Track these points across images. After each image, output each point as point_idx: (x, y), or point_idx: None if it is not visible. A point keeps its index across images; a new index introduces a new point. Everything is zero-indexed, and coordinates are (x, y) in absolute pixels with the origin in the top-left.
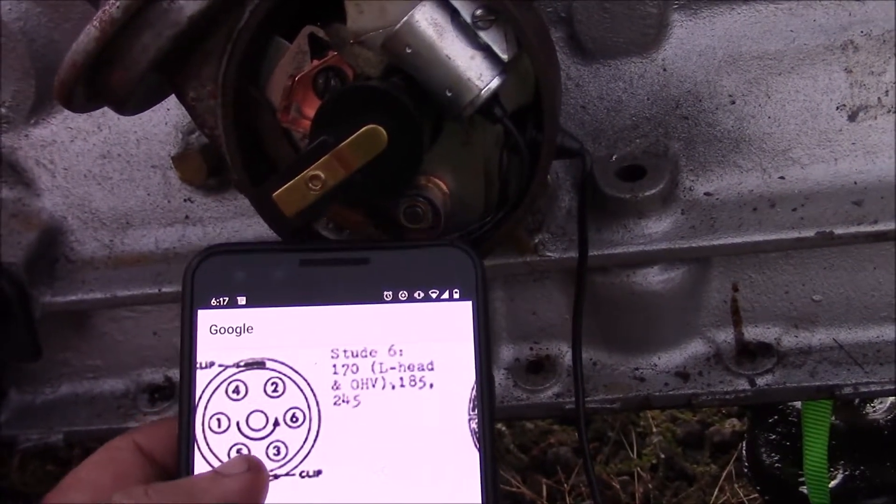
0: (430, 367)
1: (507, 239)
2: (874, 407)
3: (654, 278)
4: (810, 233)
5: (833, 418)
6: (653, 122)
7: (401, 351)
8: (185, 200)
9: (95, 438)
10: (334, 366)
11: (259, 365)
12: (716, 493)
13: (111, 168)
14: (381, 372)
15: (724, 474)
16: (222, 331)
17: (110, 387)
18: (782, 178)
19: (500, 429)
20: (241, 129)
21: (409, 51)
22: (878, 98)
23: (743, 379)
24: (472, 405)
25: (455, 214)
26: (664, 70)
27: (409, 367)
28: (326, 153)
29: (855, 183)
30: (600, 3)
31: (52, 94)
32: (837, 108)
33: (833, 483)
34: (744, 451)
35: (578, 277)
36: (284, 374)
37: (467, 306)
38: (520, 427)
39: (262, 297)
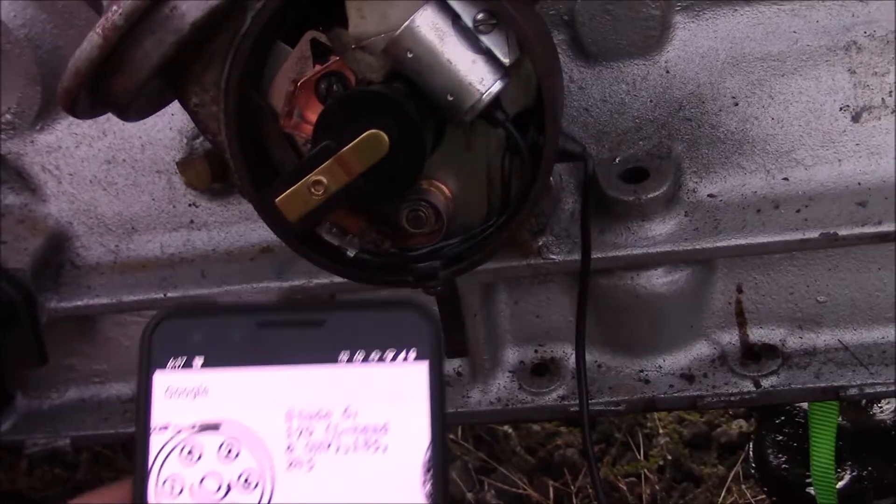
0: (384, 429)
1: (511, 242)
2: (881, 408)
3: (658, 280)
4: (814, 234)
5: (840, 419)
6: (656, 124)
7: (356, 413)
8: (189, 205)
9: (102, 443)
10: (289, 428)
11: (214, 427)
12: (723, 494)
13: (116, 174)
14: (335, 434)
15: (732, 475)
16: (178, 393)
17: (116, 391)
18: (786, 179)
19: (506, 430)
20: (244, 135)
21: (410, 55)
22: (882, 99)
23: (748, 380)
24: (425, 468)
25: (458, 218)
26: (667, 72)
27: (363, 430)
28: (329, 158)
29: (859, 184)
30: (602, 5)
31: (56, 101)
32: (841, 109)
33: (840, 484)
34: (751, 453)
35: (581, 280)
36: (239, 437)
37: (423, 367)
38: (526, 429)
39: (218, 359)
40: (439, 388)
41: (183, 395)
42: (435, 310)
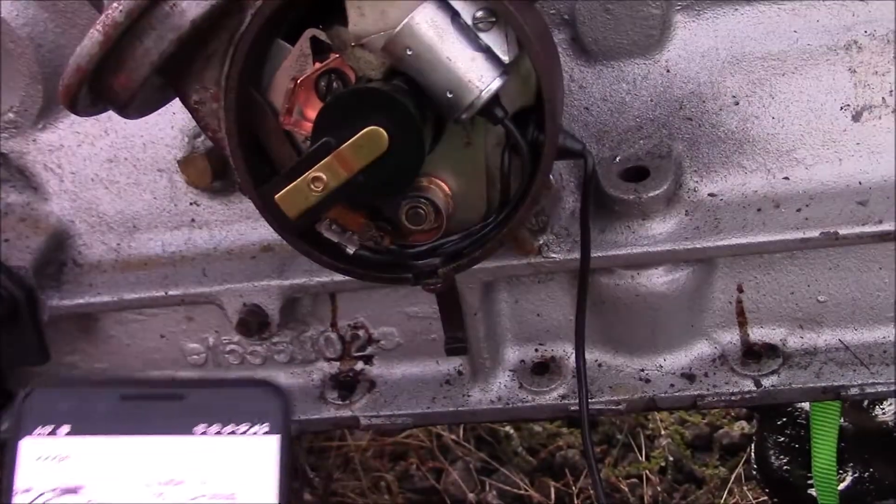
0: (231, 497)
1: (511, 239)
2: (883, 409)
3: (658, 279)
4: (815, 233)
5: (841, 420)
6: (656, 124)
7: (208, 482)
8: (191, 204)
9: None
10: (145, 494)
11: (74, 491)
12: (725, 495)
13: (118, 172)
14: (188, 500)
15: (733, 477)
16: (44, 458)
17: None
18: (787, 178)
19: (507, 431)
20: (244, 132)
21: (409, 53)
22: (883, 98)
23: (748, 380)
24: None
25: (457, 215)
26: (667, 71)
27: (213, 497)
28: (328, 155)
29: (860, 183)
30: (603, 4)
31: (58, 99)
32: (842, 108)
33: (842, 485)
34: (752, 454)
35: (581, 279)
36: (97, 501)
37: (273, 441)
38: (527, 430)
39: (83, 428)
40: (287, 462)
41: (48, 461)
42: (285, 388)
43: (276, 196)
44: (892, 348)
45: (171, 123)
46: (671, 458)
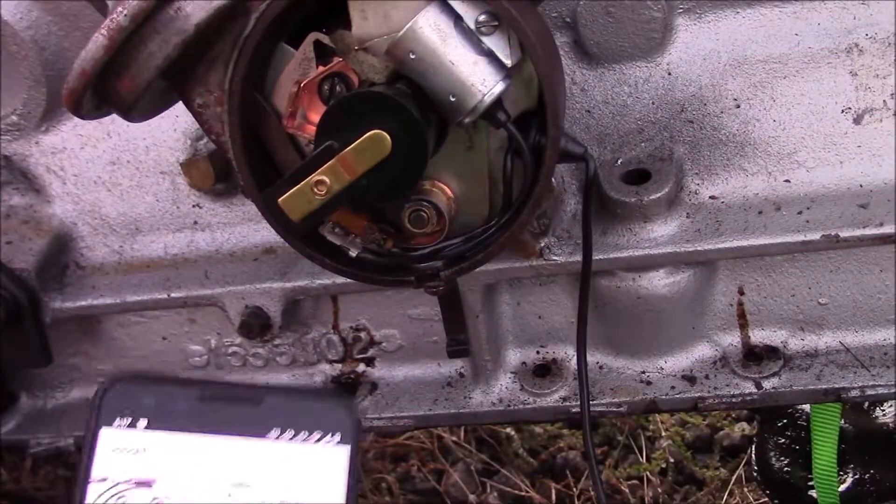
0: None
1: (513, 242)
2: (884, 410)
3: (660, 282)
4: (816, 236)
5: (842, 422)
6: (658, 126)
7: (277, 487)
8: (193, 206)
9: None
10: (216, 493)
11: (147, 484)
12: (725, 497)
13: (121, 174)
14: (256, 503)
15: (734, 478)
16: (120, 449)
17: None
18: (788, 181)
19: (508, 433)
20: (248, 135)
21: (412, 56)
22: (884, 101)
23: (749, 382)
24: None
25: (460, 218)
26: (669, 74)
27: (281, 502)
28: (332, 158)
29: (860, 186)
30: (605, 7)
31: (61, 102)
32: (843, 111)
33: (842, 487)
34: (753, 455)
35: (583, 281)
36: (168, 496)
37: (343, 452)
38: (528, 431)
39: (161, 424)
40: (356, 472)
41: (124, 452)
42: (356, 402)
43: (280, 199)
44: (892, 350)
45: (173, 126)
46: (672, 460)
